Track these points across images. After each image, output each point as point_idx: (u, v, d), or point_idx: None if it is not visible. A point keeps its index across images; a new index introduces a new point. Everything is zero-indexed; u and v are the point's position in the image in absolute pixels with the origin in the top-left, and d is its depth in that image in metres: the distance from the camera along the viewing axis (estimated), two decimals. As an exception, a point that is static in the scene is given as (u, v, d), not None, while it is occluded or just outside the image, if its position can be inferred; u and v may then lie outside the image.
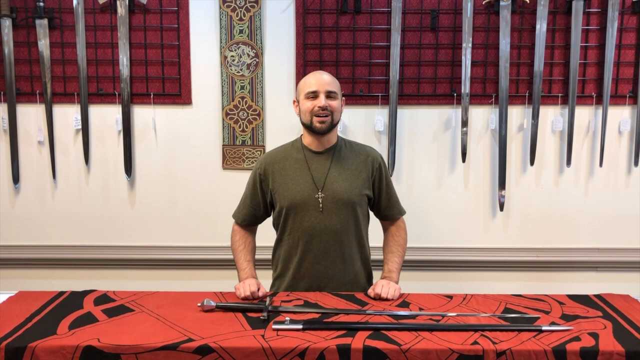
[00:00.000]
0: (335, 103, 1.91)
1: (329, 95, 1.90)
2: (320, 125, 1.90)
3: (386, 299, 1.84)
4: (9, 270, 2.79)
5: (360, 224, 2.01)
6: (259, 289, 1.87)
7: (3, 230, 2.77)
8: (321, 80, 1.91)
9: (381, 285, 1.87)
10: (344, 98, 2.00)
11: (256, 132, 2.72)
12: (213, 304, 1.73)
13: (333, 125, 1.94)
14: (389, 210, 2.07)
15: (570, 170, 2.72)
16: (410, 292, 1.91)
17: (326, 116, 1.89)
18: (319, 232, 1.93)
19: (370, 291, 1.89)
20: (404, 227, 2.10)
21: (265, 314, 1.67)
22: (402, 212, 2.10)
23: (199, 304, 1.74)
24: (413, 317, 1.69)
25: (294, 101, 2.00)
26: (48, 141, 2.70)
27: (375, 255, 2.12)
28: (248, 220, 2.06)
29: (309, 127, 1.93)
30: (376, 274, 2.11)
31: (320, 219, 1.93)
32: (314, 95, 1.90)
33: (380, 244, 2.12)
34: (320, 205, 1.93)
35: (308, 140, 1.99)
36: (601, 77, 2.63)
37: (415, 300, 1.83)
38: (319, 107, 1.88)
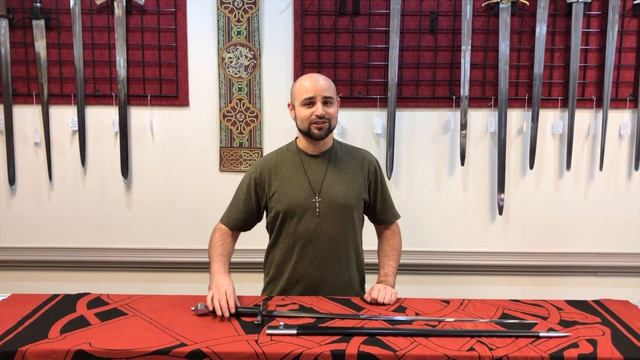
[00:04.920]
0: (332, 110, 1.88)
1: (326, 101, 1.87)
2: (319, 132, 1.88)
3: (382, 304, 1.82)
4: (3, 273, 2.77)
5: (356, 228, 1.99)
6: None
7: (-1, 232, 2.76)
8: (317, 86, 1.86)
9: (377, 290, 1.85)
10: (339, 99, 1.98)
11: (254, 134, 2.70)
12: (204, 308, 1.71)
13: (330, 131, 1.92)
14: (384, 214, 2.05)
15: (570, 174, 2.70)
16: (408, 296, 1.89)
17: (324, 123, 1.87)
18: (316, 236, 1.91)
19: (367, 296, 1.86)
20: (398, 232, 2.08)
21: (259, 318, 1.65)
22: (396, 216, 2.08)
23: (192, 308, 1.72)
24: (409, 322, 1.67)
25: (289, 104, 1.98)
26: (44, 142, 2.69)
27: (368, 259, 2.10)
28: (239, 225, 2.02)
29: (306, 134, 1.91)
30: (369, 278, 2.10)
31: (317, 223, 1.91)
32: (310, 102, 1.86)
33: (373, 247, 2.10)
34: (317, 210, 1.91)
35: (304, 143, 1.97)
36: (601, 80, 2.61)
37: (412, 305, 1.81)
38: (317, 115, 1.85)
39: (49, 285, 2.69)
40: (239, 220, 2.01)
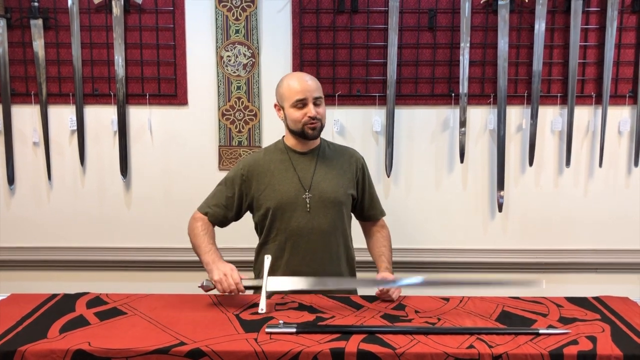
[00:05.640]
0: (322, 110, 1.92)
1: (316, 102, 1.89)
2: (313, 132, 1.91)
3: (391, 300, 1.81)
4: (3, 272, 2.77)
5: (346, 224, 2.02)
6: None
7: (-2, 232, 2.76)
8: (307, 87, 1.88)
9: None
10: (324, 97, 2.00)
11: (253, 133, 2.70)
12: (211, 284, 1.77)
13: (322, 129, 1.95)
14: (371, 211, 2.08)
15: (569, 171, 2.70)
16: (407, 294, 1.89)
17: (316, 123, 1.90)
18: (307, 232, 1.92)
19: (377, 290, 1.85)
20: (386, 226, 2.12)
21: (262, 307, 1.69)
22: (383, 212, 2.11)
23: (198, 286, 1.76)
24: (409, 320, 1.67)
25: (275, 105, 1.99)
26: (43, 142, 2.69)
27: (357, 257, 2.12)
28: (215, 217, 1.99)
29: (300, 135, 1.93)
30: (359, 275, 2.12)
31: (308, 219, 1.92)
32: (302, 104, 1.88)
33: (361, 245, 2.12)
34: (308, 206, 1.92)
35: (292, 141, 1.99)
36: (600, 76, 2.61)
37: (411, 303, 1.81)
38: (310, 117, 1.87)
39: (48, 284, 2.68)
40: (217, 213, 1.99)
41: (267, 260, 1.81)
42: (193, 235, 1.97)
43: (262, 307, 1.70)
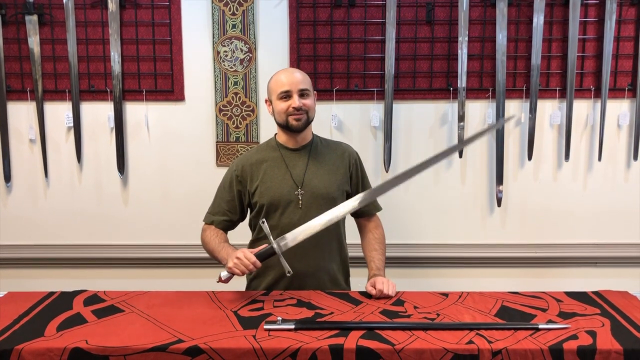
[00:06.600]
0: (308, 101, 1.91)
1: (302, 93, 1.89)
2: (297, 123, 1.90)
3: (388, 297, 1.80)
4: (0, 271, 2.76)
5: (339, 221, 1.99)
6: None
7: (-5, 230, 2.75)
8: (293, 78, 1.89)
9: (382, 282, 1.84)
10: (315, 92, 1.99)
11: (250, 129, 2.69)
12: (226, 273, 1.77)
13: (309, 122, 1.94)
14: (366, 206, 2.04)
15: (568, 165, 2.69)
16: (406, 289, 1.88)
17: (301, 114, 1.89)
18: None
19: (371, 288, 1.84)
20: (381, 224, 2.10)
21: (288, 269, 1.75)
22: (378, 207, 2.09)
23: (217, 281, 1.76)
24: (408, 316, 1.66)
25: (266, 100, 1.99)
26: (39, 139, 2.67)
27: (351, 253, 2.11)
28: (223, 224, 2.01)
29: (285, 127, 1.93)
30: (354, 271, 2.11)
31: (300, 215, 1.91)
32: (287, 95, 1.88)
33: (355, 241, 2.11)
34: (300, 202, 1.92)
35: (283, 138, 1.98)
36: (599, 70, 2.60)
37: (410, 299, 1.80)
38: (294, 107, 1.87)
39: (45, 282, 2.68)
40: (222, 220, 2.00)
41: (264, 224, 1.80)
42: (205, 243, 1.99)
43: (288, 269, 1.75)
